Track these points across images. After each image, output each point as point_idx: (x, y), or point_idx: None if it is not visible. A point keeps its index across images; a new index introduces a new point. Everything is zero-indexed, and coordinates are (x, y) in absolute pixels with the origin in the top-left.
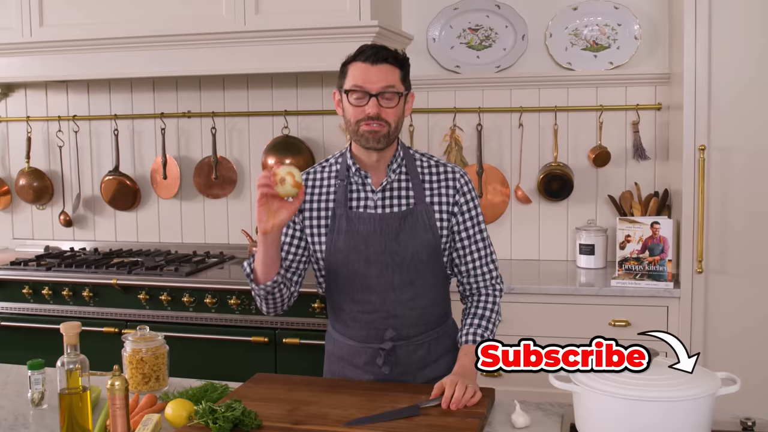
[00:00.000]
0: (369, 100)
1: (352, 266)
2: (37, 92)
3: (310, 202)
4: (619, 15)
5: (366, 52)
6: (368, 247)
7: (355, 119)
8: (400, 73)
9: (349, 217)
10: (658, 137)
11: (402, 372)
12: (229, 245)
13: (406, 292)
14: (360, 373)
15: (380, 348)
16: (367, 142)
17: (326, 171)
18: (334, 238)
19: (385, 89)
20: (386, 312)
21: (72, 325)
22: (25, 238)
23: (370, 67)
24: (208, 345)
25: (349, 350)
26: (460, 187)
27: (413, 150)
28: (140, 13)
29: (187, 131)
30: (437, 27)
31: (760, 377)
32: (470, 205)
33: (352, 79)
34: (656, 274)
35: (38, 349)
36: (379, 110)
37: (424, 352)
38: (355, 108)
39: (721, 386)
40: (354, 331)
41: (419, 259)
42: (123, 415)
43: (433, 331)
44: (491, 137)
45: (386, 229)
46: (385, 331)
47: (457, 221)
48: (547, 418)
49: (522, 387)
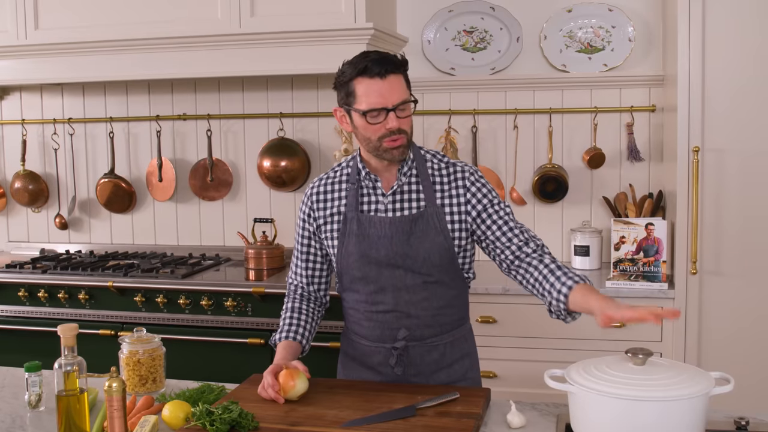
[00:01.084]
0: (387, 115)
1: (363, 269)
2: (32, 95)
3: (324, 209)
4: (613, 17)
5: (371, 68)
6: (379, 251)
7: (377, 136)
8: (404, 79)
9: (360, 221)
10: (653, 139)
11: (415, 373)
12: (225, 247)
13: (419, 293)
14: (373, 374)
15: (393, 347)
16: (393, 157)
17: (338, 175)
18: (345, 242)
19: (401, 102)
20: (400, 312)
21: (69, 327)
22: (20, 241)
23: (381, 82)
24: (204, 347)
25: (363, 350)
26: (470, 185)
27: (424, 150)
28: (135, 16)
29: (182, 133)
30: (432, 29)
31: (754, 377)
32: (487, 198)
33: (365, 98)
34: (651, 275)
35: (34, 352)
36: (399, 123)
37: (438, 354)
38: (373, 126)
39: (715, 386)
40: (368, 330)
41: (431, 261)
42: (120, 417)
43: (448, 334)
44: (486, 139)
45: (397, 233)
46: (399, 331)
47: (479, 216)
48: (542, 418)
49: (517, 387)
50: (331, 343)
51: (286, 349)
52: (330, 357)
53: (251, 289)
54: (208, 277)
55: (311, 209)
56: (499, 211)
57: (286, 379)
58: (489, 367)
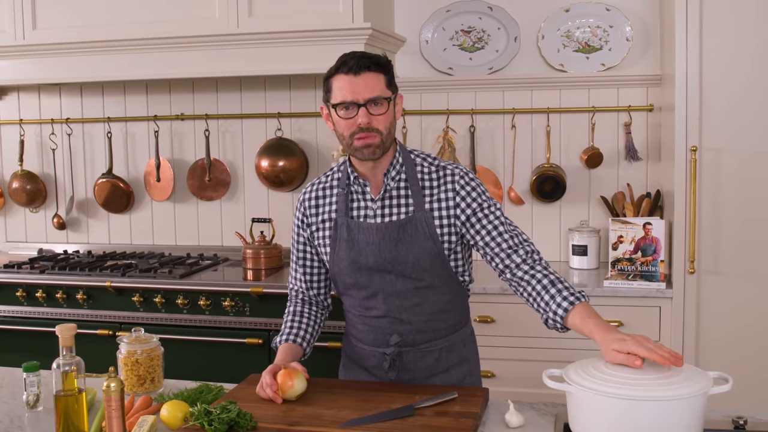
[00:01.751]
0: (358, 110)
1: (353, 275)
2: (30, 95)
3: (316, 215)
4: (610, 17)
5: (347, 63)
6: (368, 257)
7: (348, 132)
8: (384, 78)
9: (350, 227)
10: (650, 138)
11: (409, 378)
12: (223, 247)
13: (410, 299)
14: (369, 377)
15: (385, 353)
16: (363, 155)
17: (329, 180)
18: (336, 248)
19: (373, 98)
20: (392, 317)
21: (68, 327)
22: (18, 241)
23: (354, 78)
24: (202, 347)
25: (360, 353)
26: (459, 189)
27: (414, 153)
28: (133, 16)
29: (180, 133)
30: (430, 29)
31: (752, 376)
32: (476, 202)
33: (338, 92)
34: (648, 275)
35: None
36: (369, 119)
37: (432, 360)
38: (345, 121)
39: (714, 385)
40: (362, 334)
41: (421, 267)
42: (119, 417)
43: (443, 339)
44: (484, 139)
45: (384, 239)
46: (391, 336)
47: (468, 220)
48: (540, 417)
49: (516, 387)
50: (330, 343)
51: (286, 351)
52: (330, 357)
53: (249, 289)
54: (206, 277)
55: (304, 215)
56: (489, 215)
57: (285, 378)
58: (487, 366)
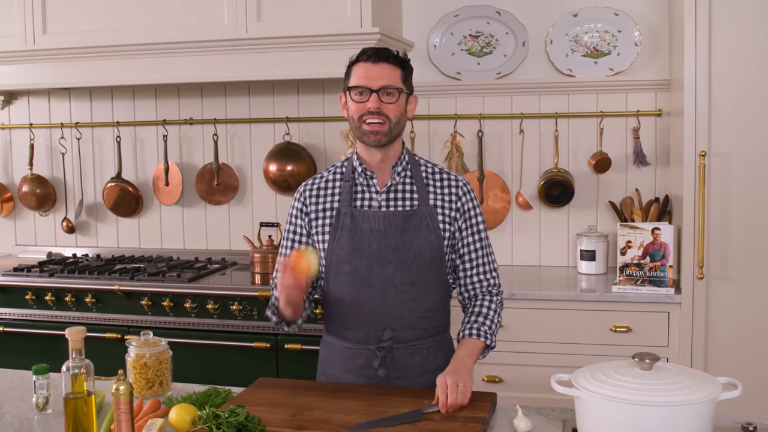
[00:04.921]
0: (370, 95)
1: (354, 263)
2: (40, 99)
3: (316, 204)
4: (619, 21)
5: (367, 52)
6: (371, 244)
7: (358, 114)
8: (401, 73)
9: (354, 215)
10: (659, 143)
11: (398, 376)
12: (231, 251)
13: (407, 293)
14: (353, 377)
15: (378, 347)
16: (369, 139)
17: (332, 174)
18: (337, 235)
19: (386, 85)
20: (386, 311)
21: (77, 330)
22: (27, 245)
23: (372, 65)
24: (210, 351)
25: (344, 353)
26: (462, 194)
27: (418, 156)
28: (142, 21)
29: (189, 138)
30: (438, 34)
31: (762, 382)
32: (472, 213)
33: (355, 78)
34: (657, 280)
35: (41, 355)
36: (379, 105)
37: (421, 358)
38: (357, 104)
39: (723, 391)
40: (351, 332)
41: (422, 259)
42: (128, 420)
43: (432, 339)
44: (492, 143)
45: (390, 227)
46: (384, 332)
47: (459, 227)
48: (548, 422)
49: (524, 392)
50: None
51: None
52: None
53: (257, 293)
54: (214, 281)
55: (304, 204)
56: (474, 234)
57: (296, 260)
58: (495, 371)
